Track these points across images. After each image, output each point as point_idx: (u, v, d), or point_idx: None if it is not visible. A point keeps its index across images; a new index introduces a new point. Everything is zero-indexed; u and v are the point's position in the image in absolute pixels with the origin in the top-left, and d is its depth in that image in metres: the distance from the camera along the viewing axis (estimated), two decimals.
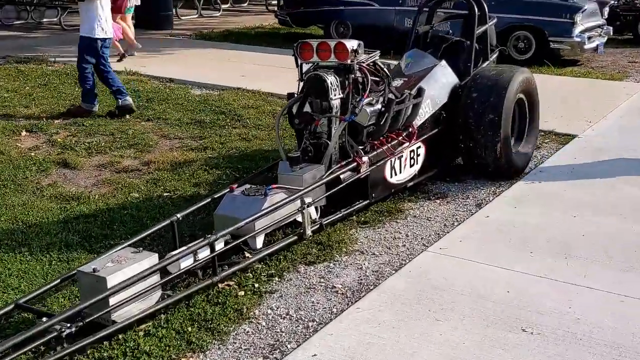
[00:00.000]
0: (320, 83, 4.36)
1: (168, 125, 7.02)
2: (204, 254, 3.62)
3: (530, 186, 5.23)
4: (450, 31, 8.31)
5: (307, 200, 4.15)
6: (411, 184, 5.06)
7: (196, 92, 8.53)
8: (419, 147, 5.05)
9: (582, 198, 4.94)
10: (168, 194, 5.13)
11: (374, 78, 4.66)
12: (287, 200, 3.99)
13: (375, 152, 4.61)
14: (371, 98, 4.54)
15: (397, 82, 5.30)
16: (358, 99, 4.44)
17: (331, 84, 4.36)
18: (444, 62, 5.48)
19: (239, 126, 6.93)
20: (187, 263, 3.57)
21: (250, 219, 3.81)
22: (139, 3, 10.91)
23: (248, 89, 8.38)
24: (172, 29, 14.20)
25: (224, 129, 6.87)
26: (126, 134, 6.63)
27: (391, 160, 4.73)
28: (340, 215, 4.40)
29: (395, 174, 4.81)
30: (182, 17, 16.37)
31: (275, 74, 9.29)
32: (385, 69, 4.73)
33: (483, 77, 5.32)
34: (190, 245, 3.63)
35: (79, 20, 7.30)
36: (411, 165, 4.98)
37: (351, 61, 4.44)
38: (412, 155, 4.97)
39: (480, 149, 5.21)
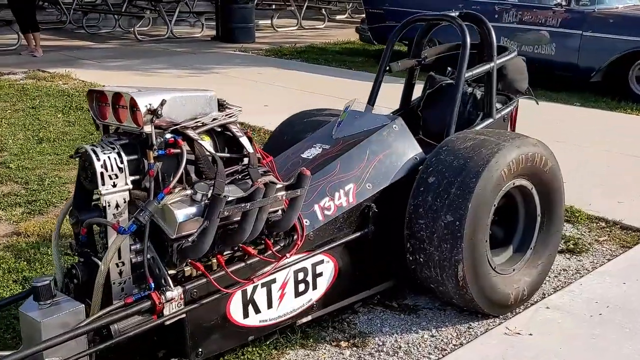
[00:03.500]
0: (89, 165, 2.57)
1: None
2: None
3: (511, 341, 3.09)
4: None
5: None
6: (306, 319, 3.14)
7: None
8: (321, 261, 3.10)
9: None
10: None
11: (226, 154, 2.80)
12: None
13: (203, 280, 2.74)
14: (192, 191, 2.68)
15: (315, 151, 3.39)
16: (159, 195, 2.59)
17: (105, 167, 2.55)
18: (398, 122, 3.47)
19: None
20: None
21: None
22: None
23: (250, 125, 6.64)
24: (252, 42, 12.79)
25: None
26: (41, 185, 5.17)
27: (244, 291, 2.84)
28: None
29: (257, 312, 2.91)
30: (279, 29, 14.93)
31: (313, 103, 7.35)
32: (244, 140, 2.83)
33: (451, 150, 3.25)
34: None
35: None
36: (300, 293, 3.04)
37: (151, 128, 2.60)
38: (301, 277, 3.04)
39: (434, 269, 3.16)
